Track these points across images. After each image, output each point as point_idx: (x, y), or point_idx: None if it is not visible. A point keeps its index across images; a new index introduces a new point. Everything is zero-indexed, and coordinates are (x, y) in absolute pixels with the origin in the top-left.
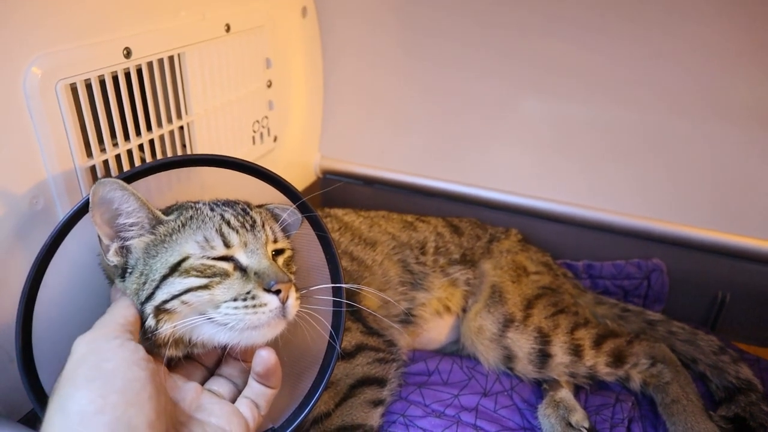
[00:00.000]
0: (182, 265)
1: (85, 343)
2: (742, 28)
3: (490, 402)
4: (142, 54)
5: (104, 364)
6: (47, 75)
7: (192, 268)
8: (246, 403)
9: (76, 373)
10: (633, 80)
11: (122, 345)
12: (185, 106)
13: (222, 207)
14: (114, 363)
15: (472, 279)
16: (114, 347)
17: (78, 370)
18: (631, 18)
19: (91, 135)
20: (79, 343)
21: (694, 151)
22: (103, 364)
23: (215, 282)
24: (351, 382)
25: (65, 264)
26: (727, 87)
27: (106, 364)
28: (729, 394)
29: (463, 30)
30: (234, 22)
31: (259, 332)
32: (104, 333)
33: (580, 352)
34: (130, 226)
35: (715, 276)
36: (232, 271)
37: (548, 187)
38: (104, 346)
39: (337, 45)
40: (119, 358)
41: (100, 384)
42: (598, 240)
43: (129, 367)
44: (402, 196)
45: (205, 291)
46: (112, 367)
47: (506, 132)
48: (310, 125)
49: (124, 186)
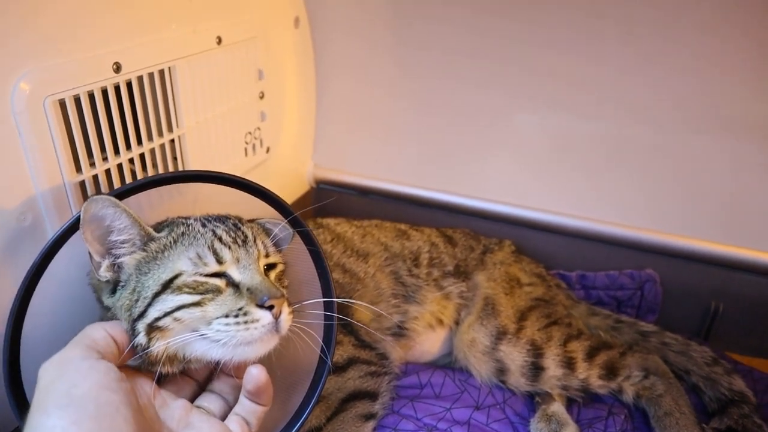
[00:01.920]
0: (174, 282)
1: (53, 368)
2: (747, 38)
3: (482, 416)
4: (132, 68)
5: (74, 390)
6: (35, 91)
7: (185, 284)
8: (236, 420)
9: (47, 400)
10: (625, 91)
11: (92, 367)
12: (176, 119)
13: (214, 222)
14: (84, 388)
15: (466, 292)
16: (83, 370)
17: (48, 396)
18: (626, 29)
19: (80, 150)
20: (47, 368)
21: (690, 162)
22: (72, 390)
23: (207, 299)
24: (342, 396)
25: (54, 281)
26: (722, 98)
27: (76, 390)
28: (722, 406)
29: (456, 40)
30: (225, 34)
31: (252, 348)
32: (71, 355)
33: (572, 364)
34: (122, 243)
35: (709, 286)
36: (225, 287)
37: (541, 198)
38: (72, 369)
39: (330, 55)
40: (90, 382)
41: (72, 411)
42: (592, 250)
43: (100, 392)
44: (396, 206)
45: (197, 308)
46: (83, 392)
47: (499, 142)
48: (304, 135)
49: (116, 203)
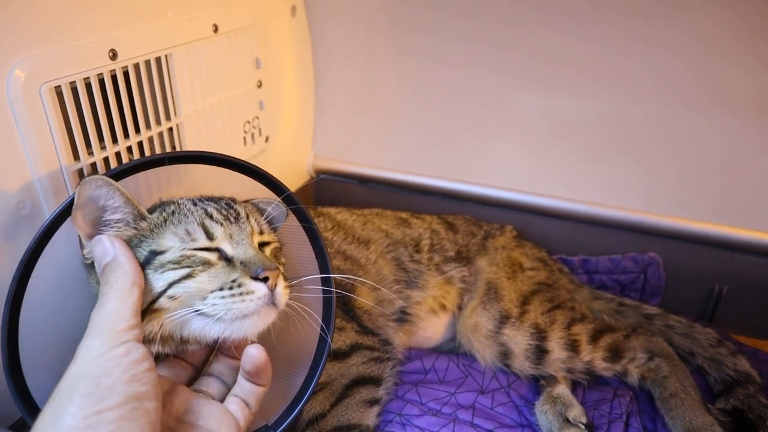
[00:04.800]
0: (158, 258)
1: (90, 353)
2: (741, 18)
3: (486, 399)
4: (129, 55)
5: (104, 379)
6: (31, 78)
7: (168, 261)
8: (236, 401)
9: (75, 387)
10: (626, 73)
11: (126, 354)
12: (174, 108)
13: (205, 202)
14: (113, 378)
15: (468, 276)
16: (117, 357)
17: (78, 383)
18: (628, 9)
19: (77, 138)
20: (83, 353)
21: (691, 143)
22: (102, 380)
23: (198, 270)
24: (346, 382)
25: (51, 266)
26: (725, 78)
27: (106, 380)
28: (727, 387)
29: (454, 25)
30: (222, 22)
31: (250, 321)
32: (109, 340)
33: (577, 347)
34: (115, 222)
35: (712, 269)
36: (216, 261)
37: (543, 183)
38: (108, 357)
39: (328, 43)
40: (120, 371)
41: (96, 399)
42: (594, 234)
43: (128, 383)
44: (396, 194)
45: (189, 280)
46: (111, 382)
47: (500, 127)
48: (303, 125)
49: (109, 182)
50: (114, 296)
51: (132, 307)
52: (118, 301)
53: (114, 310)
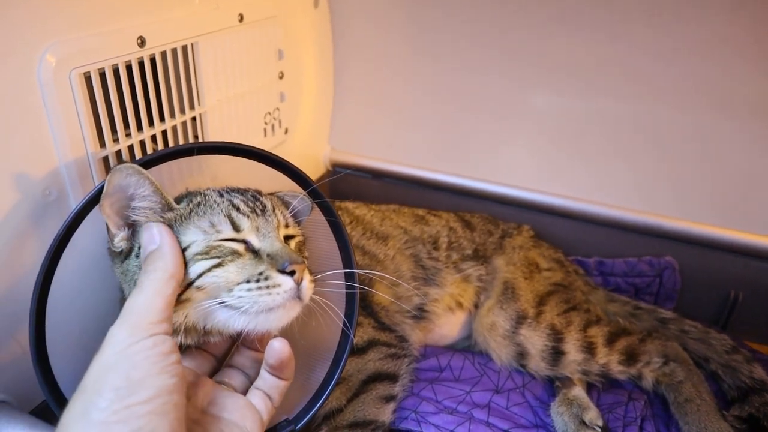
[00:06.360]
0: (186, 252)
1: (118, 343)
2: (746, 23)
3: (502, 399)
4: (156, 43)
5: (133, 372)
6: (61, 63)
7: (196, 254)
8: (259, 395)
9: (105, 380)
10: (644, 76)
11: (154, 346)
12: (198, 97)
13: (231, 193)
14: (143, 371)
15: (485, 275)
16: (145, 349)
17: (106, 375)
18: (648, 10)
19: (104, 125)
20: (112, 343)
21: (708, 148)
22: (131, 373)
23: (228, 260)
24: (363, 378)
25: (78, 254)
26: (737, 82)
27: (135, 373)
28: (742, 394)
29: (471, 26)
30: (247, 11)
31: (275, 315)
32: (138, 331)
33: (593, 349)
34: (143, 209)
35: (728, 274)
36: (244, 252)
37: (559, 184)
38: (136, 349)
39: (348, 38)
40: (149, 364)
41: (126, 393)
42: (610, 237)
43: (158, 376)
44: (411, 190)
45: (219, 269)
46: (141, 375)
47: (516, 128)
48: (321, 118)
49: (139, 170)
50: (150, 286)
51: (166, 300)
52: (153, 292)
53: (147, 301)
